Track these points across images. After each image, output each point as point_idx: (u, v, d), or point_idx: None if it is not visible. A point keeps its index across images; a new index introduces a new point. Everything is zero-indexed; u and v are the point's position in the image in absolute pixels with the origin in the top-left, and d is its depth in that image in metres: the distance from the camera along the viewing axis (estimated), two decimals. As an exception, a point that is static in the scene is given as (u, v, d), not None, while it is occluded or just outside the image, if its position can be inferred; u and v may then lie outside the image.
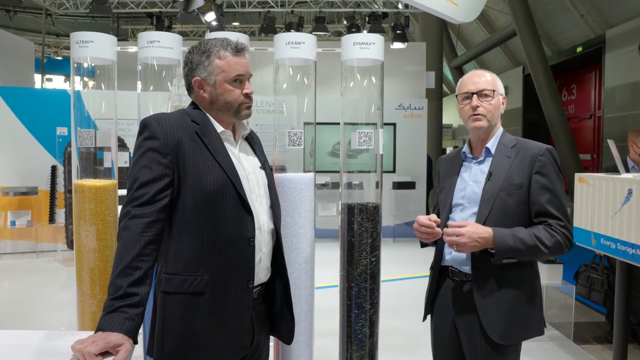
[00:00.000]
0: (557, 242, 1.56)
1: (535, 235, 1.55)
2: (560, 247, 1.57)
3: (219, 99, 1.47)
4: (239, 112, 1.50)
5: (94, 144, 2.25)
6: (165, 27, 7.55)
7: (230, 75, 1.46)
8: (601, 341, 3.67)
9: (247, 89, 1.49)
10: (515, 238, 1.54)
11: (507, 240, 1.54)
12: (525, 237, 1.55)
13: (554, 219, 1.58)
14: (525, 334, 1.63)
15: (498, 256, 1.54)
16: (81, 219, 2.30)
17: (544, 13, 11.40)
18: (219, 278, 1.39)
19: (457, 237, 1.54)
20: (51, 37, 15.22)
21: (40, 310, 4.23)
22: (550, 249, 1.55)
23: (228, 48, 1.47)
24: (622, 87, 9.77)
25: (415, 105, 7.75)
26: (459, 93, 1.71)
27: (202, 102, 1.50)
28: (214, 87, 1.46)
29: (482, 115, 1.65)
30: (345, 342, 2.29)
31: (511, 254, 1.54)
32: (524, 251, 1.54)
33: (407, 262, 5.98)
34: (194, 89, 1.49)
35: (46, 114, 6.32)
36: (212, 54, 1.46)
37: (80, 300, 2.33)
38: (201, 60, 1.46)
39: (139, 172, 1.37)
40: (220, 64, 1.46)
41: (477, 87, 1.66)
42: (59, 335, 1.36)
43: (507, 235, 1.54)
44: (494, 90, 1.66)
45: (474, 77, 1.69)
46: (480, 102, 1.65)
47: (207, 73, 1.46)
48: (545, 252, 1.55)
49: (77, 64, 2.36)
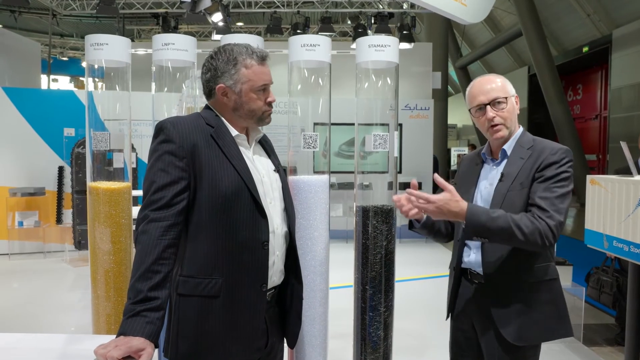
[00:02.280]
0: (535, 229, 1.47)
1: (512, 219, 1.48)
2: (539, 236, 1.47)
3: (244, 107, 1.47)
4: (262, 120, 1.51)
5: (109, 146, 2.25)
6: (171, 28, 7.56)
7: (257, 84, 1.47)
8: (611, 343, 3.65)
9: (271, 97, 1.50)
10: (489, 217, 1.47)
11: (479, 216, 1.47)
12: (500, 217, 1.47)
13: (540, 209, 1.51)
14: (542, 335, 1.61)
15: (467, 231, 1.48)
16: (95, 221, 2.30)
17: (550, 13, 11.37)
18: (233, 281, 1.39)
19: (427, 204, 1.48)
20: (55, 38, 15.26)
21: (49, 312, 4.23)
22: (526, 236, 1.47)
23: (254, 56, 1.47)
24: (629, 87, 9.72)
25: (422, 106, 7.73)
26: (471, 107, 1.67)
27: (223, 108, 1.50)
28: (239, 95, 1.47)
29: (500, 125, 1.62)
30: (360, 344, 2.28)
31: (482, 231, 1.47)
32: (495, 231, 1.47)
33: (413, 264, 5.96)
34: (217, 95, 1.48)
35: (53, 114, 6.34)
36: (239, 62, 1.46)
37: (95, 303, 2.33)
38: (227, 68, 1.46)
39: (156, 176, 1.36)
40: (247, 73, 1.46)
41: (488, 97, 1.62)
42: (81, 339, 1.37)
43: (481, 212, 1.49)
44: (506, 97, 1.62)
45: (484, 86, 1.64)
46: (495, 112, 1.61)
47: (233, 81, 1.46)
48: (520, 239, 1.47)
49: (91, 67, 2.36)
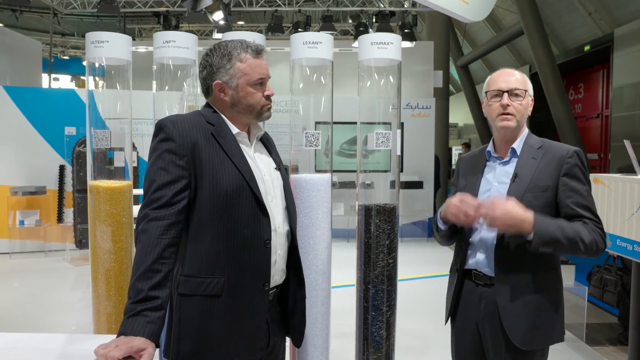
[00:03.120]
0: (593, 240, 1.50)
1: (576, 230, 1.48)
2: (596, 247, 1.50)
3: (242, 102, 1.46)
4: (261, 114, 1.49)
5: (110, 144, 2.24)
6: (172, 27, 7.54)
7: (253, 78, 1.45)
8: (614, 343, 3.64)
9: (268, 91, 1.49)
10: (558, 227, 1.46)
11: (549, 226, 1.45)
12: (567, 227, 1.47)
13: (590, 220, 1.53)
14: (547, 339, 1.59)
15: (536, 242, 1.44)
16: (96, 220, 2.29)
17: (552, 12, 11.33)
18: (235, 280, 1.38)
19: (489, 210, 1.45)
20: (57, 37, 15.25)
21: (50, 311, 4.23)
22: (587, 247, 1.48)
23: (249, 50, 1.45)
24: (631, 86, 9.69)
25: (423, 105, 7.71)
26: (489, 90, 1.65)
27: (221, 105, 1.48)
28: (236, 90, 1.45)
29: (511, 115, 1.61)
30: (362, 344, 2.27)
31: (551, 242, 1.45)
32: (563, 243, 1.45)
33: (415, 263, 5.95)
34: (214, 92, 1.47)
35: (54, 113, 6.33)
36: (233, 57, 1.44)
37: (96, 302, 2.32)
38: (222, 64, 1.44)
39: (156, 174, 1.35)
40: (243, 67, 1.44)
41: (508, 85, 1.61)
42: (81, 339, 1.36)
43: (550, 222, 1.47)
44: (526, 91, 1.62)
45: (506, 75, 1.64)
46: (511, 101, 1.61)
47: (229, 76, 1.44)
48: (581, 250, 1.48)
49: (92, 64, 2.35)
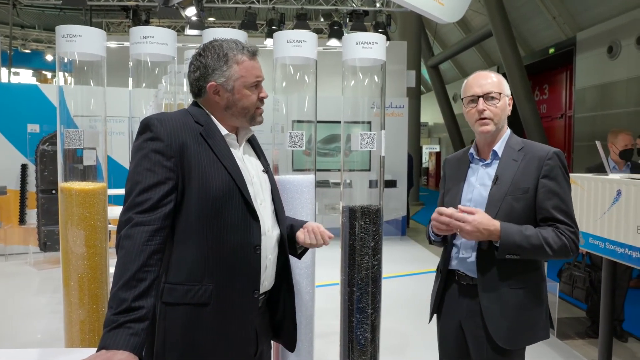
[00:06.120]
0: (563, 245, 1.55)
1: (542, 236, 1.54)
2: (565, 251, 1.56)
3: (237, 104, 1.41)
4: (255, 118, 1.45)
5: (82, 144, 2.12)
6: (142, 22, 7.29)
7: (250, 80, 1.41)
8: (582, 336, 3.76)
9: (263, 93, 1.45)
10: (522, 235, 1.53)
11: (513, 236, 1.52)
12: (532, 235, 1.53)
13: (562, 224, 1.57)
14: (530, 338, 1.62)
15: (502, 251, 1.52)
16: (68, 223, 2.17)
17: (519, 14, 11.66)
18: (224, 288, 1.32)
19: (462, 223, 1.52)
20: (16, 29, 14.56)
21: (13, 318, 4.01)
22: (555, 251, 1.55)
23: (245, 52, 1.40)
24: (592, 88, 10.10)
25: (397, 104, 7.78)
26: (465, 96, 1.69)
27: (214, 107, 1.42)
28: (232, 92, 1.40)
29: (489, 119, 1.63)
30: (347, 347, 2.24)
31: (515, 250, 1.53)
32: (528, 249, 1.52)
33: (389, 261, 5.98)
34: (208, 94, 1.40)
35: (16, 109, 6.02)
36: (230, 58, 1.39)
37: (68, 310, 2.19)
38: (218, 65, 1.38)
39: (141, 176, 1.28)
40: (240, 70, 1.39)
41: (482, 89, 1.64)
42: (56, 354, 1.28)
43: (514, 231, 1.53)
44: (500, 93, 1.65)
45: (480, 79, 1.66)
46: (487, 106, 1.63)
47: (225, 78, 1.39)
48: (549, 254, 1.54)
49: (62, 59, 2.21)
